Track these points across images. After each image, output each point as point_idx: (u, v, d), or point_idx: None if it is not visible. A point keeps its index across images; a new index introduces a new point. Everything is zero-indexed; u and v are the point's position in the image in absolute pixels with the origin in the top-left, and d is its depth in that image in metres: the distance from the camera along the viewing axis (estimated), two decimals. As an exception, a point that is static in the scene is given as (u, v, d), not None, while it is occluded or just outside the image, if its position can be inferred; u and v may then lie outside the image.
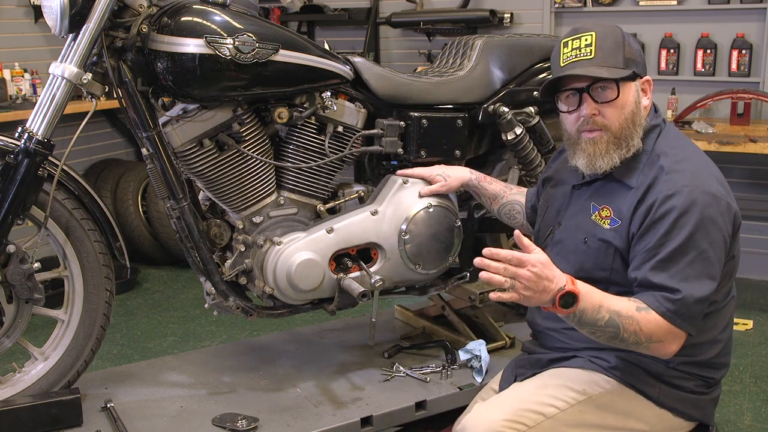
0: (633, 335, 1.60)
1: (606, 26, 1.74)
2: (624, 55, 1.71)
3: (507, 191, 2.21)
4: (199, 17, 1.92)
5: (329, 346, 2.51)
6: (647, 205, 1.66)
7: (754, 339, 3.60)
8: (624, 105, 1.71)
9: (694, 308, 1.60)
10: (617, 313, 1.60)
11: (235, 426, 1.99)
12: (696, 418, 1.76)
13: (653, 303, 1.61)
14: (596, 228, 1.75)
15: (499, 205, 2.20)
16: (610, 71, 1.69)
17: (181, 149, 2.03)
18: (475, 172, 2.23)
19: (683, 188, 1.63)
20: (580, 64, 1.71)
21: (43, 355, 2.09)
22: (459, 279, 2.39)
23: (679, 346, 1.64)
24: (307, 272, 2.10)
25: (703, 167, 1.71)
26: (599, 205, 1.77)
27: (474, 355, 2.27)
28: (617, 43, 1.72)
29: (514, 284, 1.55)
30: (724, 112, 4.32)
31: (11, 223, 1.92)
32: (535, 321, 1.92)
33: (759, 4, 4.23)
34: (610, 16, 4.61)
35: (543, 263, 1.56)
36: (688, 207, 1.61)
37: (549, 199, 1.97)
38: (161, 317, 4.00)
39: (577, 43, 1.72)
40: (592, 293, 1.62)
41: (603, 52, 1.70)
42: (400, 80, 2.28)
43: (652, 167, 1.70)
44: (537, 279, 1.55)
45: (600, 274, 1.74)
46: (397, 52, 5.39)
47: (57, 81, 1.89)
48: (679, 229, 1.60)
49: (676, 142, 1.76)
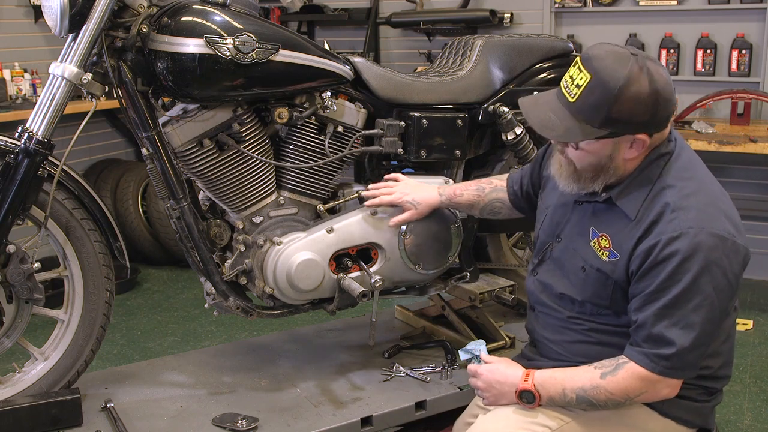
0: (608, 402, 1.61)
1: (608, 75, 1.56)
2: (609, 114, 1.56)
3: (481, 195, 2.14)
4: (199, 17, 1.92)
5: (329, 346, 2.51)
6: (649, 245, 1.59)
7: (754, 339, 3.60)
8: (589, 154, 1.64)
9: (691, 357, 1.58)
10: (582, 389, 1.62)
11: (235, 426, 1.99)
12: (697, 424, 1.76)
13: (648, 364, 1.58)
14: (594, 258, 1.70)
15: (479, 210, 2.16)
16: (580, 128, 1.59)
17: (181, 149, 2.03)
18: (444, 191, 2.18)
19: (689, 230, 1.55)
20: (562, 101, 1.63)
21: (43, 355, 2.09)
22: (459, 279, 2.39)
23: (675, 388, 1.62)
24: (307, 272, 2.10)
25: (712, 203, 1.61)
26: (599, 231, 1.71)
27: (474, 355, 2.25)
28: (607, 99, 1.55)
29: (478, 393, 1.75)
30: (724, 112, 4.32)
31: (11, 223, 1.92)
32: (534, 329, 1.89)
33: (759, 4, 4.23)
34: (610, 16, 4.61)
35: (489, 370, 1.74)
36: (693, 251, 1.54)
37: (549, 204, 1.90)
38: (161, 317, 4.00)
39: (576, 74, 1.61)
40: (552, 380, 1.66)
41: (583, 103, 1.58)
42: (400, 80, 2.28)
43: (657, 201, 1.61)
44: (488, 386, 1.74)
45: (599, 301, 1.71)
46: (397, 52, 5.39)
47: (57, 81, 1.89)
48: (683, 274, 1.55)
49: (686, 173, 1.65)
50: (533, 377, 1.68)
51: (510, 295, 2.38)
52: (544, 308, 1.83)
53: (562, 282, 1.77)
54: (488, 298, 2.37)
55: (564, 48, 2.55)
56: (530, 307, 1.90)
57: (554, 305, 1.80)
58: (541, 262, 1.86)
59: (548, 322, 1.82)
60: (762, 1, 4.22)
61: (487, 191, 2.15)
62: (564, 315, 1.77)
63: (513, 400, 1.69)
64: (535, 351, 1.90)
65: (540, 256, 1.87)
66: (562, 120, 1.62)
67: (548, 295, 1.81)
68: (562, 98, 1.64)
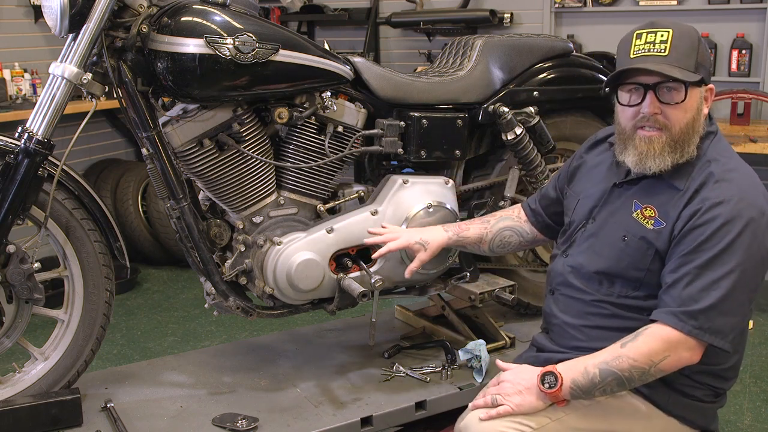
0: (632, 369, 1.60)
1: (683, 26, 1.67)
2: (697, 59, 1.65)
3: (488, 228, 2.11)
4: (199, 17, 1.92)
5: (329, 346, 2.51)
6: (693, 210, 1.63)
7: (754, 339, 3.60)
8: (687, 109, 1.66)
9: (719, 321, 1.58)
10: (604, 362, 1.61)
11: (235, 426, 1.99)
12: (701, 425, 1.76)
13: (676, 323, 1.58)
14: (638, 226, 1.71)
15: (488, 244, 2.12)
16: (682, 73, 1.62)
17: (181, 149, 2.03)
18: (450, 228, 2.13)
19: (731, 198, 1.60)
20: (653, 59, 1.64)
21: (43, 355, 2.09)
22: (459, 279, 2.39)
23: (698, 354, 1.61)
24: (307, 272, 2.10)
25: (752, 181, 1.68)
26: (642, 203, 1.73)
27: (474, 355, 2.26)
28: (693, 45, 1.65)
29: (495, 398, 1.69)
30: (724, 112, 4.32)
31: (11, 223, 1.92)
32: (552, 313, 1.87)
33: (759, 4, 4.23)
34: (610, 16, 4.62)
35: (511, 370, 1.73)
36: (734, 217, 1.58)
37: (580, 192, 1.91)
38: (161, 317, 4.00)
39: (652, 37, 1.66)
40: (573, 362, 1.66)
41: (677, 52, 1.63)
42: (400, 80, 2.28)
43: (702, 172, 1.67)
44: (513, 380, 1.69)
45: (634, 273, 1.71)
46: (397, 52, 5.40)
47: (57, 81, 1.89)
48: (721, 238, 1.58)
49: (727, 152, 1.73)
50: (555, 365, 1.66)
51: (510, 295, 2.38)
52: (568, 290, 1.82)
53: (594, 259, 1.76)
54: (488, 298, 2.37)
55: (564, 48, 2.55)
56: (550, 290, 1.90)
57: (582, 287, 1.79)
58: (572, 243, 1.86)
59: (570, 305, 1.82)
60: (762, 1, 4.22)
61: (492, 222, 2.12)
62: (589, 298, 1.77)
63: (536, 393, 1.65)
64: (548, 338, 1.89)
65: (572, 238, 1.87)
66: (670, 71, 1.63)
67: (577, 275, 1.81)
68: (653, 59, 1.65)
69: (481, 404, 1.71)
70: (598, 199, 1.83)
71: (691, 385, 1.71)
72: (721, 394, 1.77)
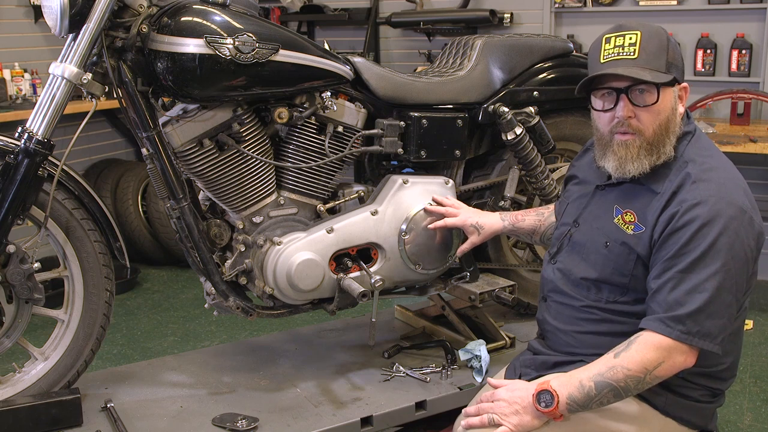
0: (627, 379, 1.58)
1: (651, 26, 1.67)
2: (667, 59, 1.65)
3: (542, 220, 2.14)
4: (199, 17, 1.92)
5: (329, 346, 2.51)
6: (671, 213, 1.62)
7: (754, 339, 3.60)
8: (660, 111, 1.66)
9: (708, 324, 1.57)
10: (598, 374, 1.60)
11: (235, 426, 1.99)
12: (699, 425, 1.76)
13: (663, 329, 1.57)
14: (619, 232, 1.71)
15: (540, 235, 2.15)
16: (653, 74, 1.62)
17: (181, 149, 2.03)
18: (507, 217, 2.17)
19: (709, 198, 1.59)
20: (623, 63, 1.64)
21: (43, 355, 2.09)
22: (459, 279, 2.39)
23: (692, 358, 1.60)
24: (307, 272, 2.10)
25: (731, 178, 1.66)
26: (623, 208, 1.73)
27: (474, 355, 2.27)
28: (662, 45, 1.65)
29: (492, 417, 1.65)
30: (724, 112, 4.32)
31: (11, 223, 1.92)
32: (545, 319, 1.89)
33: (759, 4, 4.23)
34: (610, 16, 4.61)
35: (505, 387, 1.70)
36: (712, 218, 1.57)
37: (569, 196, 1.93)
38: (161, 317, 4.00)
39: (620, 41, 1.66)
40: (567, 377, 1.64)
41: (647, 53, 1.63)
42: (400, 80, 2.28)
43: (679, 173, 1.66)
44: (509, 399, 1.65)
45: (619, 279, 1.71)
46: (397, 52, 5.39)
47: (57, 81, 1.89)
48: (701, 240, 1.57)
49: (706, 151, 1.72)
50: (549, 381, 1.65)
51: (510, 295, 2.38)
52: (559, 297, 1.83)
53: (581, 265, 1.77)
54: (488, 298, 2.37)
55: (564, 48, 2.55)
56: (542, 297, 1.90)
57: (571, 293, 1.79)
58: (559, 249, 1.87)
59: (561, 311, 1.82)
60: (762, 1, 4.22)
61: (546, 215, 2.15)
62: (578, 304, 1.77)
63: (533, 411, 1.63)
64: (543, 343, 1.90)
65: (558, 244, 1.88)
66: (640, 74, 1.63)
67: (566, 282, 1.81)
68: (623, 62, 1.65)
69: (476, 423, 1.68)
70: (582, 202, 1.85)
71: (687, 387, 1.71)
72: (718, 394, 1.77)
